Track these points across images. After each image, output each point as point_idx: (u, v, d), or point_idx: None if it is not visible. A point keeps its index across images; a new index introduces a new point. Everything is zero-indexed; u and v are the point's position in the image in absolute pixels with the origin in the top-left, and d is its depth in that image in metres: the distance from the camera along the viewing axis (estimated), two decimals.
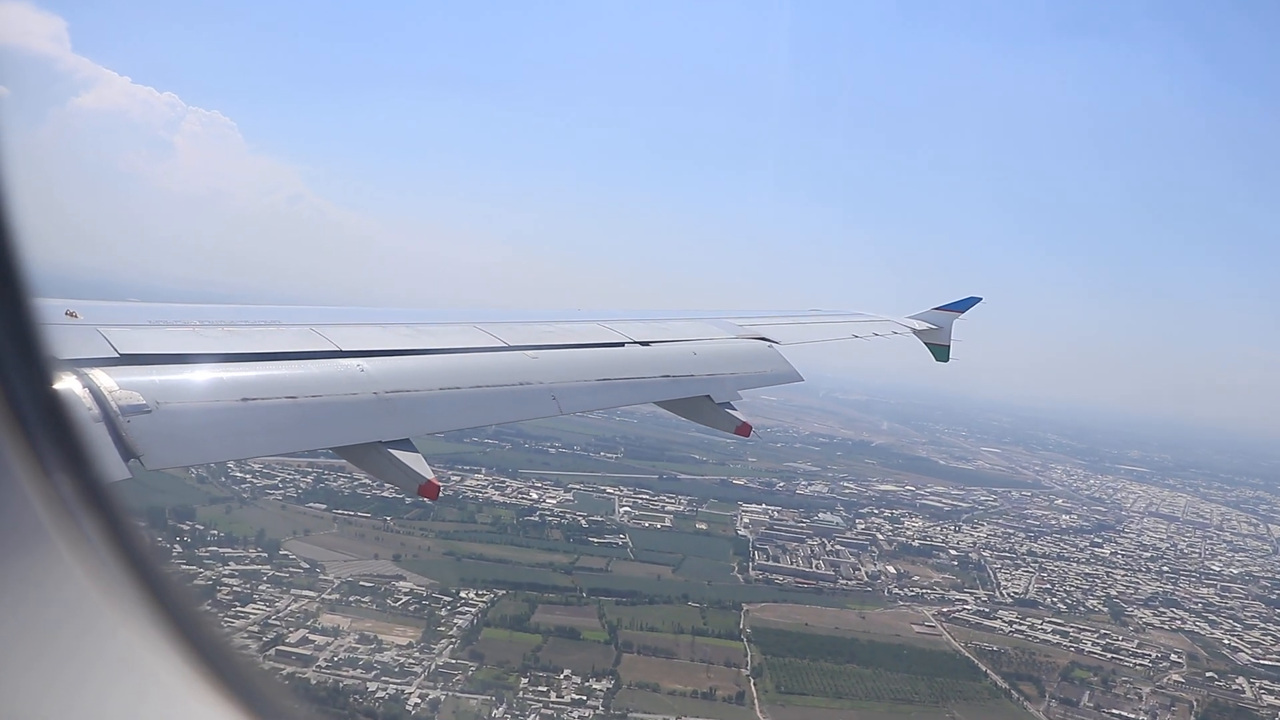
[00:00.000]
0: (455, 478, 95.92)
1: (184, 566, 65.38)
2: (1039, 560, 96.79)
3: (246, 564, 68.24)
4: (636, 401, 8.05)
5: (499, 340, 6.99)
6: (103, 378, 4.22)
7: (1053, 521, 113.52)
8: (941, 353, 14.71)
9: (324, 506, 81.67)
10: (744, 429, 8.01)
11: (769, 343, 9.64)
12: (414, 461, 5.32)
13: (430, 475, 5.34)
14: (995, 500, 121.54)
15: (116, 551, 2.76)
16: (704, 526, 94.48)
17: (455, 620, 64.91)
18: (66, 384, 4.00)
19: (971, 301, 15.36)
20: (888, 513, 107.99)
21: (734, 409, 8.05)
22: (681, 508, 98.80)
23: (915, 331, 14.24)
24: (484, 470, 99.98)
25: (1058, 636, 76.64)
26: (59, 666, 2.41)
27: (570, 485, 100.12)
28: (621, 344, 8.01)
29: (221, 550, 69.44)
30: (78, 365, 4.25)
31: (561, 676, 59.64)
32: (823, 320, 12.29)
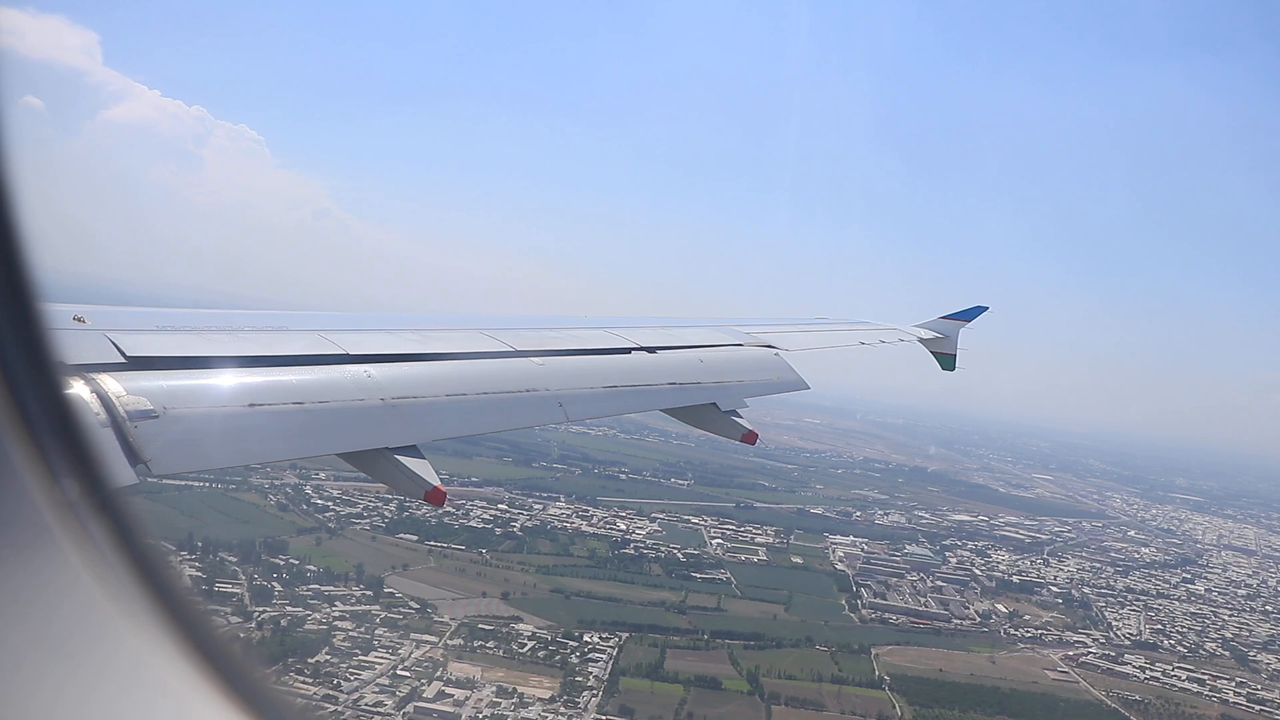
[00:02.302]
0: (537, 506, 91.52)
1: (289, 608, 60.58)
2: (1139, 598, 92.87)
3: (353, 604, 63.21)
4: (643, 409, 7.83)
5: (506, 346, 6.90)
6: (110, 383, 4.10)
7: (1135, 555, 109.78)
8: (948, 361, 14.55)
9: (415, 537, 76.90)
10: (750, 437, 7.84)
11: (775, 350, 9.53)
12: (420, 468, 5.14)
13: (436, 481, 5.12)
14: (1070, 531, 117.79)
15: (124, 557, 2.71)
16: (799, 560, 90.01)
17: (589, 669, 60.06)
18: (74, 389, 3.88)
19: (978, 311, 15.13)
20: (971, 545, 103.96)
21: (740, 416, 7.90)
22: (770, 539, 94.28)
23: (921, 340, 14.09)
24: (563, 498, 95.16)
25: (1194, 684, 72.54)
26: (67, 670, 2.39)
27: (653, 515, 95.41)
28: (628, 351, 7.93)
29: (323, 589, 64.35)
30: (85, 370, 4.13)
31: None
32: (829, 328, 12.19)
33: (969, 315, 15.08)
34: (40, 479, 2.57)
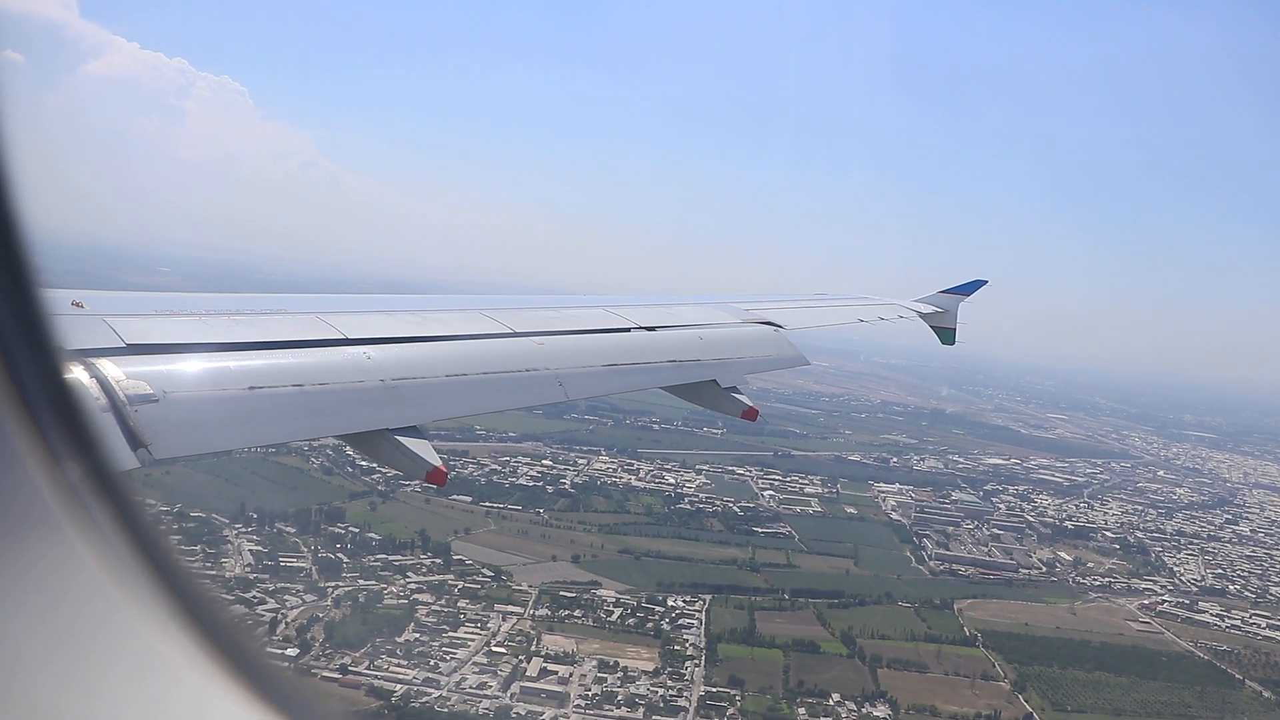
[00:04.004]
0: (580, 460, 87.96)
1: (361, 581, 56.70)
2: (1191, 541, 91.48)
3: (425, 574, 59.43)
4: (643, 386, 7.58)
5: (505, 326, 6.83)
6: (110, 368, 4.09)
7: (1172, 496, 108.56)
8: (947, 335, 14.44)
9: (469, 499, 73.05)
10: (750, 413, 7.73)
11: (775, 327, 9.46)
12: (421, 448, 5.07)
13: (438, 462, 5.05)
14: (1102, 473, 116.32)
15: (129, 541, 2.71)
16: (854, 510, 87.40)
17: (684, 635, 56.90)
18: (74, 374, 3.86)
19: (977, 284, 15.00)
20: (1013, 490, 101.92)
21: (740, 393, 7.78)
22: (819, 490, 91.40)
23: (921, 315, 13.93)
24: (603, 451, 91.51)
25: (1277, 632, 70.97)
26: (73, 657, 2.39)
27: (697, 467, 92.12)
28: (627, 329, 7.85)
29: (391, 558, 60.43)
30: (85, 355, 4.12)
31: (833, 702, 52.08)
32: (828, 304, 12.14)
33: (968, 289, 14.90)
34: (41, 464, 2.55)
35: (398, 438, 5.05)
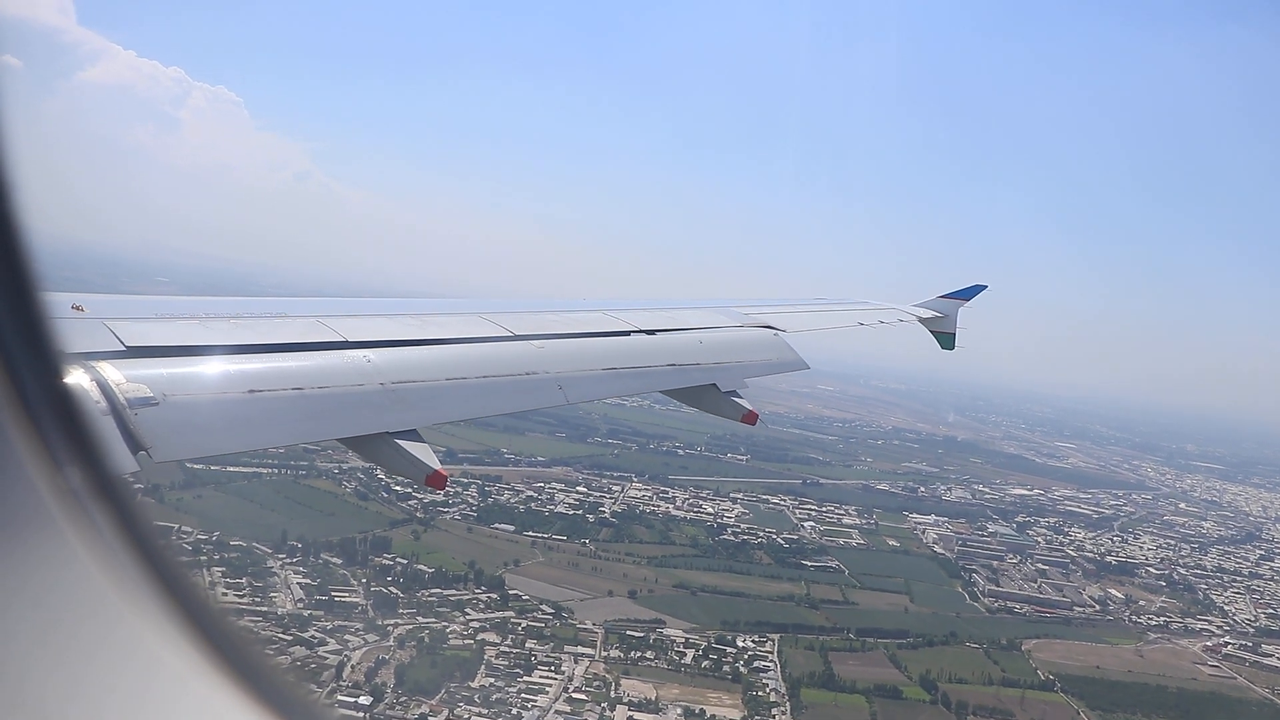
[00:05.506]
0: (615, 487, 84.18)
1: (420, 619, 52.90)
2: (1233, 578, 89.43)
3: (483, 610, 55.68)
4: (643, 390, 7.67)
5: (505, 330, 6.76)
6: (110, 371, 4.04)
7: (1200, 530, 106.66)
8: (947, 340, 14.28)
9: (511, 528, 69.24)
10: (750, 417, 7.67)
11: (775, 331, 9.43)
12: (421, 452, 5.01)
13: (437, 465, 4.97)
14: (1127, 505, 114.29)
15: (129, 544, 2.70)
16: (895, 543, 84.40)
17: (763, 679, 53.50)
18: (74, 377, 3.81)
19: (977, 289, 14.79)
20: (1044, 522, 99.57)
21: (740, 397, 7.75)
22: (856, 520, 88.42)
23: (920, 320, 13.84)
24: (635, 478, 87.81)
25: None
26: (77, 664, 2.37)
27: (731, 495, 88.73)
28: (627, 333, 7.79)
29: (446, 593, 56.60)
30: (85, 358, 4.06)
31: None
32: (828, 308, 12.08)
33: (968, 294, 14.73)
34: (42, 467, 2.55)
35: (398, 441, 4.95)
